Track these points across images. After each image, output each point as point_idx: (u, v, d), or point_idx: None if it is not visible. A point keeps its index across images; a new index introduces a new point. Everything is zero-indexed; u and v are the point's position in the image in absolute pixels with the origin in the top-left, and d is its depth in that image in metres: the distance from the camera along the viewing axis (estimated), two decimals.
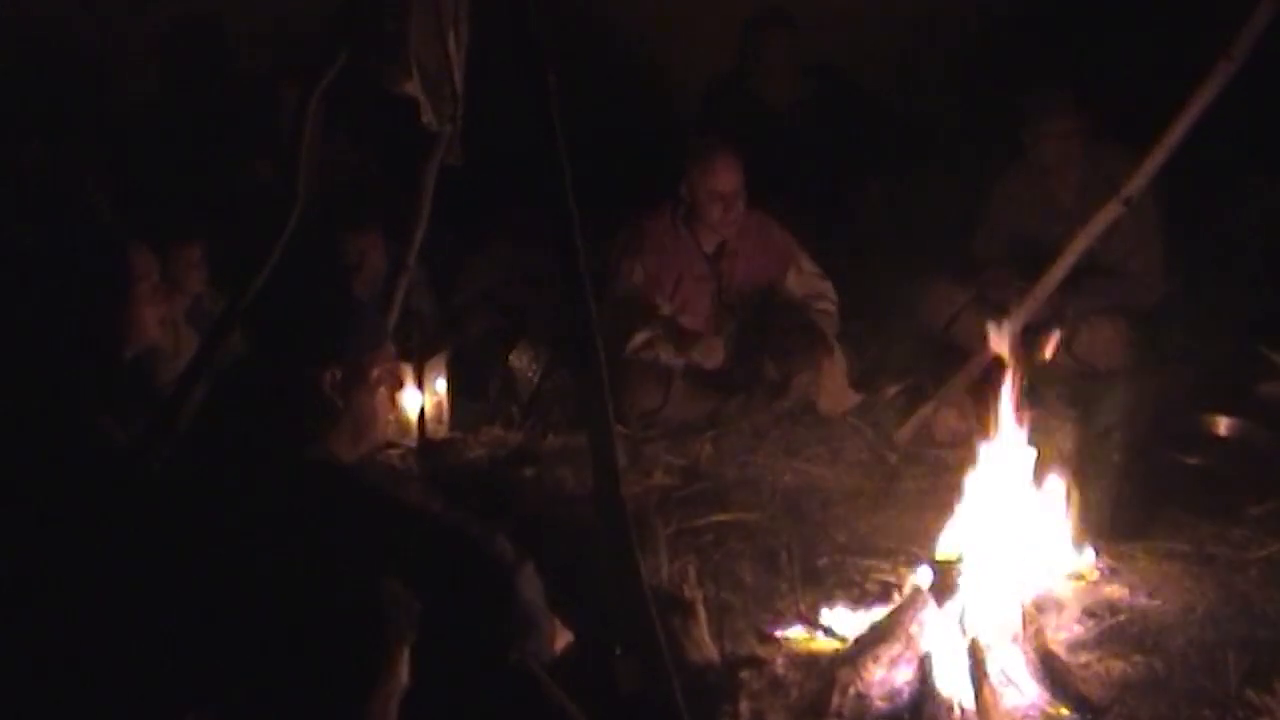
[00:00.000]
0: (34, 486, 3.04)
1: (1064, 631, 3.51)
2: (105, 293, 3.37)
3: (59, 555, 2.94)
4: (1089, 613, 3.59)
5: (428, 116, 3.44)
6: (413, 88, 3.38)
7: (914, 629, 3.35)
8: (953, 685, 3.19)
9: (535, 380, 5.28)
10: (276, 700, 2.71)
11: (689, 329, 5.17)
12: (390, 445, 4.57)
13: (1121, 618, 3.58)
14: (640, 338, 5.06)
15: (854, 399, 5.14)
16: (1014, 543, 3.62)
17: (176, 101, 5.99)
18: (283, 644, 2.70)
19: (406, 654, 2.74)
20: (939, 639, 3.31)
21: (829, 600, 3.68)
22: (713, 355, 5.16)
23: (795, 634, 3.57)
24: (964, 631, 3.29)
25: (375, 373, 3.01)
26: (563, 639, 2.98)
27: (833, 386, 5.13)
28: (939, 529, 3.65)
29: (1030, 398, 3.88)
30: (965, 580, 3.38)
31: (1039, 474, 3.73)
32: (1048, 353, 3.86)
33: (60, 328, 3.34)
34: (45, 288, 3.39)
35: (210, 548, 2.77)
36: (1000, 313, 4.21)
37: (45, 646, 2.84)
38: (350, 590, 2.73)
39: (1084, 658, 3.40)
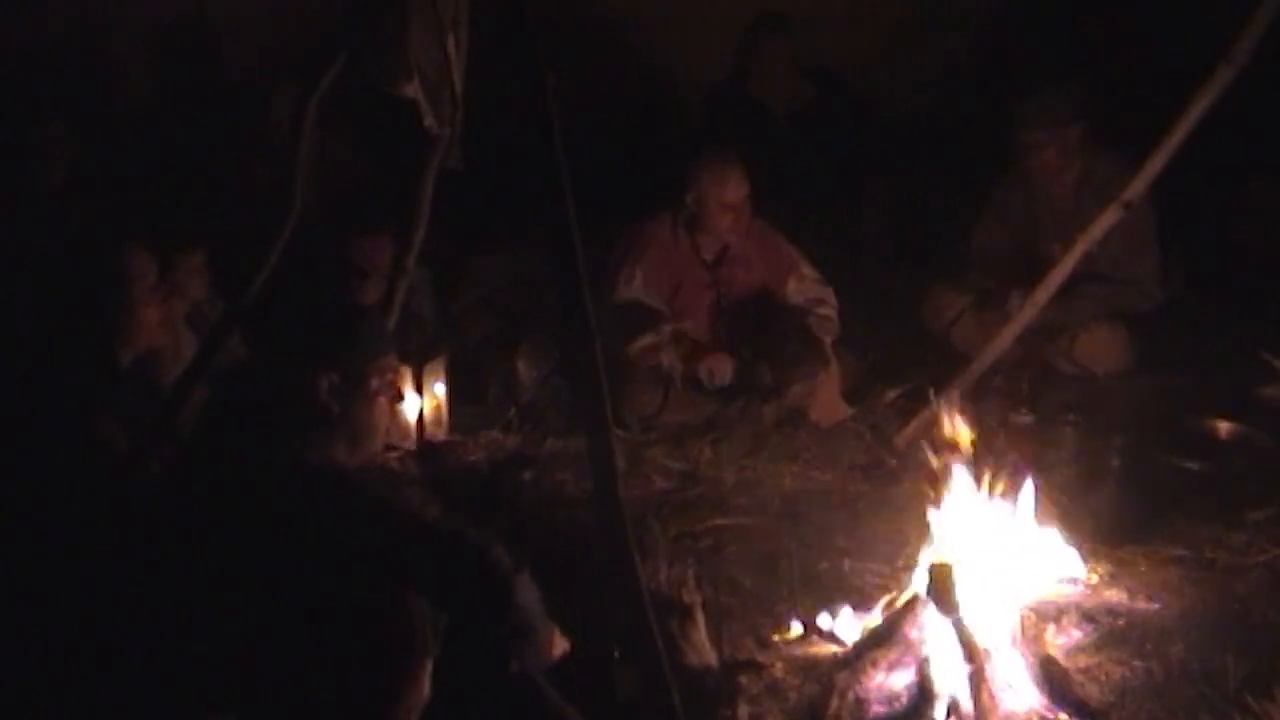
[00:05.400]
0: (35, 489, 3.04)
1: (1063, 636, 3.50)
2: (103, 293, 3.36)
3: (60, 558, 2.93)
4: (1088, 617, 3.58)
5: (428, 119, 3.43)
6: (413, 90, 3.37)
7: (913, 633, 3.35)
8: (951, 690, 3.19)
9: (536, 384, 5.27)
10: (296, 711, 2.69)
11: (698, 342, 5.16)
12: (389, 448, 4.56)
13: (1121, 622, 3.57)
14: (645, 339, 5.05)
15: (845, 412, 5.14)
16: (1013, 547, 3.62)
17: (169, 103, 5.98)
18: (301, 654, 2.69)
19: (430, 668, 2.74)
20: (938, 643, 3.31)
21: (828, 604, 3.67)
22: (720, 373, 5.15)
23: (794, 638, 3.57)
24: (963, 636, 3.29)
25: (375, 382, 2.92)
26: (560, 646, 2.97)
27: (826, 398, 5.13)
28: (938, 533, 3.65)
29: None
30: (964, 585, 3.38)
31: (1038, 479, 3.73)
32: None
33: (59, 329, 3.33)
34: (44, 289, 3.39)
35: (208, 552, 2.76)
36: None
37: (51, 652, 2.83)
38: (381, 605, 2.71)
39: (1083, 662, 3.39)
